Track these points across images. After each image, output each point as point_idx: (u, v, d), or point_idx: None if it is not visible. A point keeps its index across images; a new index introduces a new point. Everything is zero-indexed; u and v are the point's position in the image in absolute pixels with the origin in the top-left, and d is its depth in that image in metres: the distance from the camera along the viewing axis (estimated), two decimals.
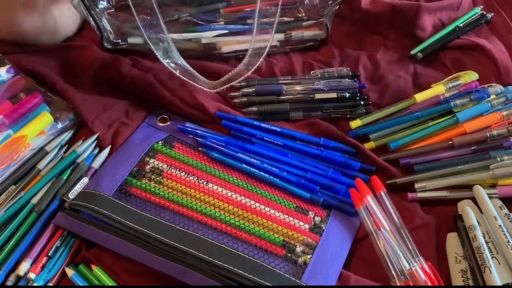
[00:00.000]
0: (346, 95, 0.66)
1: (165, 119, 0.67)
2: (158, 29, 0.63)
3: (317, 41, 0.75)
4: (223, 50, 0.72)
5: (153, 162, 0.61)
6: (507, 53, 0.73)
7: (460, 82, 0.68)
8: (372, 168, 0.63)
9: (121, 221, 0.53)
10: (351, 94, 0.67)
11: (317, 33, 0.73)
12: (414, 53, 0.74)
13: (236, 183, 0.59)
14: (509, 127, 0.62)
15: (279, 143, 0.64)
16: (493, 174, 0.59)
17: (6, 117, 0.62)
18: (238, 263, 0.51)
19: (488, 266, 0.51)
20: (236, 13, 0.71)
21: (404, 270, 0.51)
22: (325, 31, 0.71)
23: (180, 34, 0.69)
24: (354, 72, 0.71)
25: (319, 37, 0.74)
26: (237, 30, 0.71)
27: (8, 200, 0.57)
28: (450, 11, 0.78)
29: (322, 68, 0.72)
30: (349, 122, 0.66)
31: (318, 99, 0.67)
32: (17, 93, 0.65)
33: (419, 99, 0.66)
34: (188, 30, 0.70)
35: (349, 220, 0.59)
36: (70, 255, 0.55)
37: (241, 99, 0.68)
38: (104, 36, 0.70)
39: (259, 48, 0.65)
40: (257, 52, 0.65)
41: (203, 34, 0.70)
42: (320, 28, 0.72)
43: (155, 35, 0.64)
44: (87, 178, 0.59)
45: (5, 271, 0.53)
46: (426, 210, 0.60)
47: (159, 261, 0.51)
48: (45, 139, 0.62)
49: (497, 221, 0.55)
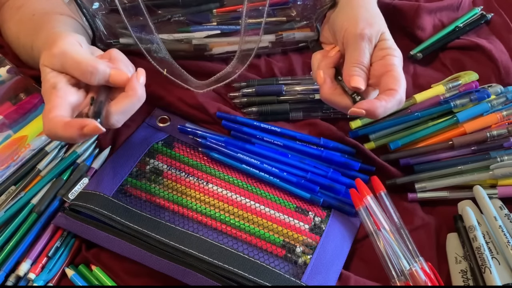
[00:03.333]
0: None
1: (165, 119, 0.67)
2: (147, 30, 0.63)
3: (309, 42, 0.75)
4: (214, 51, 0.71)
5: (153, 162, 0.61)
6: (507, 53, 0.73)
7: (460, 82, 0.68)
8: (372, 168, 0.63)
9: (121, 222, 0.53)
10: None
11: (308, 34, 0.73)
12: (414, 53, 0.74)
13: (236, 184, 0.59)
14: (509, 127, 0.62)
15: (279, 143, 0.64)
16: (493, 174, 0.59)
17: (6, 118, 0.62)
18: (238, 263, 0.51)
19: (488, 266, 0.51)
20: (228, 13, 0.71)
21: (404, 271, 0.51)
22: (316, 33, 0.71)
23: (170, 35, 0.69)
24: None
25: (311, 38, 0.74)
26: (229, 31, 0.71)
27: (8, 200, 0.57)
28: (450, 11, 0.78)
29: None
30: (349, 122, 0.66)
31: (318, 99, 0.67)
32: (17, 93, 0.65)
33: (419, 99, 0.66)
34: (181, 31, 0.70)
35: (349, 220, 0.59)
36: (70, 255, 0.55)
37: (241, 99, 0.68)
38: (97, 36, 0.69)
39: (248, 50, 0.65)
40: (246, 54, 0.65)
41: (195, 34, 0.70)
42: (311, 29, 0.72)
43: (145, 36, 0.64)
44: (87, 179, 0.59)
45: (5, 271, 0.53)
46: (426, 210, 0.60)
47: (159, 262, 0.51)
48: (45, 139, 0.62)
49: (497, 221, 0.55)
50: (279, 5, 0.72)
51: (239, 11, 0.70)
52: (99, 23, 0.68)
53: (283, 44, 0.73)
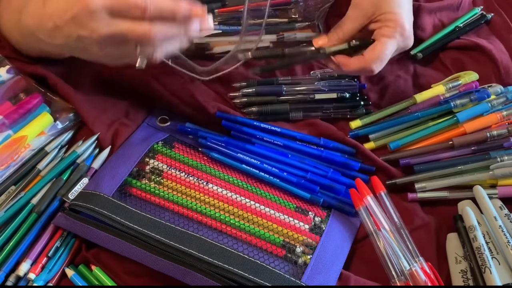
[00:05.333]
0: (346, 95, 0.66)
1: (165, 119, 0.67)
2: None
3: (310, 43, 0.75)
4: (215, 50, 0.71)
5: (153, 162, 0.61)
6: (507, 53, 0.73)
7: (460, 82, 0.68)
8: (372, 168, 0.63)
9: (121, 222, 0.53)
10: (351, 94, 0.67)
11: (309, 35, 0.73)
12: (414, 53, 0.74)
13: (236, 184, 0.59)
14: (509, 127, 0.62)
15: (279, 143, 0.64)
16: (493, 174, 0.59)
17: (6, 118, 0.62)
18: (238, 263, 0.51)
19: (488, 266, 0.51)
20: (230, 13, 0.71)
21: (404, 271, 0.51)
22: (317, 33, 0.71)
23: None
24: None
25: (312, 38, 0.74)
26: (231, 31, 0.71)
27: (8, 200, 0.57)
28: (450, 11, 0.78)
29: (322, 68, 0.72)
30: (349, 122, 0.66)
31: (318, 99, 0.67)
32: (17, 93, 0.65)
33: (419, 100, 0.66)
34: None
35: (349, 220, 0.59)
36: (70, 255, 0.55)
37: (241, 99, 0.68)
38: None
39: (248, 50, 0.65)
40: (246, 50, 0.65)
41: None
42: (313, 30, 0.72)
43: None
44: (87, 179, 0.59)
45: (5, 272, 0.53)
46: (426, 210, 0.60)
47: (159, 262, 0.51)
48: (45, 139, 0.62)
49: (497, 222, 0.55)
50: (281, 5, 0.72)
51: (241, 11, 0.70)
52: None
53: (284, 44, 0.73)
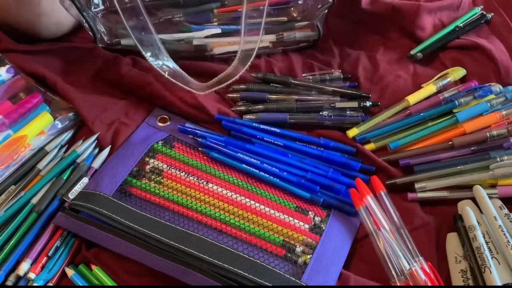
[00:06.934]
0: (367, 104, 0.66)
1: (165, 119, 0.67)
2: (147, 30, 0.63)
3: (310, 42, 0.75)
4: (215, 51, 0.71)
5: (153, 162, 0.61)
6: (507, 53, 0.73)
7: (449, 79, 0.68)
8: (372, 168, 0.63)
9: (121, 221, 0.53)
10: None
11: (309, 34, 0.73)
12: (414, 53, 0.74)
13: (236, 183, 0.59)
14: (508, 127, 0.62)
15: (279, 143, 0.64)
16: (493, 174, 0.59)
17: (6, 117, 0.62)
18: (238, 263, 0.51)
19: (488, 266, 0.51)
20: (229, 13, 0.71)
21: (404, 270, 0.51)
22: (317, 33, 0.71)
23: (170, 35, 0.69)
24: (346, 74, 0.71)
25: (311, 38, 0.74)
26: (230, 30, 0.71)
27: (8, 200, 0.57)
28: (450, 11, 0.78)
29: (322, 69, 0.73)
30: (346, 131, 0.65)
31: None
32: (17, 93, 0.65)
33: (412, 101, 0.66)
34: (182, 30, 0.70)
35: (349, 220, 0.59)
36: (70, 255, 0.55)
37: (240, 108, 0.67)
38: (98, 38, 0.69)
39: (249, 50, 0.64)
40: (247, 54, 0.65)
41: (195, 34, 0.70)
42: (312, 29, 0.72)
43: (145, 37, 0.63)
44: (87, 178, 0.59)
45: (5, 271, 0.53)
46: (426, 210, 0.60)
47: (159, 261, 0.51)
48: (45, 139, 0.62)
49: (497, 221, 0.55)
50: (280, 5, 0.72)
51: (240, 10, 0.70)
52: (100, 24, 0.68)
53: (284, 44, 0.73)
